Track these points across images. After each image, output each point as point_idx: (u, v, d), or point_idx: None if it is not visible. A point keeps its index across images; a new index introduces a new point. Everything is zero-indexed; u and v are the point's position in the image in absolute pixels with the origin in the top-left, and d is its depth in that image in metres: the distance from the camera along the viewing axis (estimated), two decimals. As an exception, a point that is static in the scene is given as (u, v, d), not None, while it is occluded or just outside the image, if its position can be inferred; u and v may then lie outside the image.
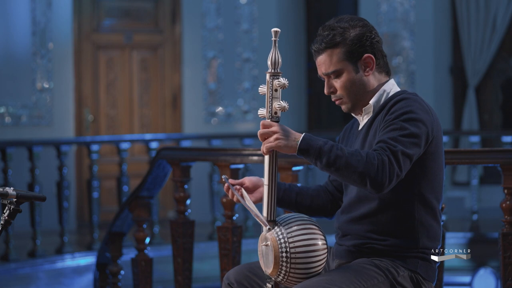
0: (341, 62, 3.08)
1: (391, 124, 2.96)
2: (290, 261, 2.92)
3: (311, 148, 2.87)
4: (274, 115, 2.90)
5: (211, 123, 9.99)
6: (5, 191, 2.84)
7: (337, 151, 2.86)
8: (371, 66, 3.10)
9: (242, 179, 3.16)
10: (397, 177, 2.89)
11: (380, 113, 3.07)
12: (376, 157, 2.86)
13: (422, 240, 3.05)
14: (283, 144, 2.87)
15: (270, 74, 2.90)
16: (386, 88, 3.13)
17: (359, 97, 3.12)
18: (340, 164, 2.86)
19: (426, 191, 3.05)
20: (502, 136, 8.62)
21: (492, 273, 7.40)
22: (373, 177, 2.85)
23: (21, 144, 7.74)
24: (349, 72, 3.09)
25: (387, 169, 2.86)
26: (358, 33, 3.07)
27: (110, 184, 8.96)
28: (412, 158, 2.94)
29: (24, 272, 7.31)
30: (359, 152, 2.87)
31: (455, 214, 8.84)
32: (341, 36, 3.06)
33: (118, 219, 5.05)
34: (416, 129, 2.95)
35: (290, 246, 2.91)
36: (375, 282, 2.99)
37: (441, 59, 9.85)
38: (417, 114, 2.97)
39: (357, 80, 3.10)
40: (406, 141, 2.92)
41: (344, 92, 3.11)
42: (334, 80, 3.11)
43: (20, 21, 9.19)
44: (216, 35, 9.98)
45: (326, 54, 3.09)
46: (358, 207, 3.09)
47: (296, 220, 2.97)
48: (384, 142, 2.92)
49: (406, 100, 3.01)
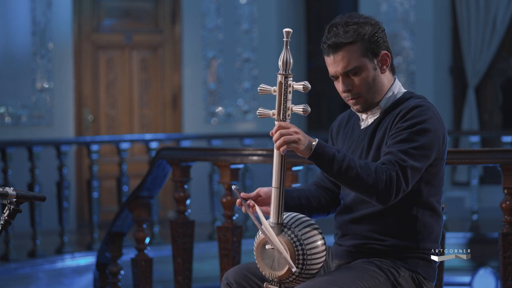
0: (361, 59, 3.03)
1: (402, 134, 2.94)
2: (306, 263, 2.90)
3: (325, 154, 2.85)
4: (288, 117, 2.87)
5: (211, 123, 9.99)
6: (5, 191, 2.84)
7: (349, 162, 2.85)
8: (387, 63, 3.07)
9: (256, 190, 3.07)
10: (403, 191, 2.90)
11: (389, 115, 3.04)
12: (385, 173, 2.85)
13: (424, 241, 3.05)
14: (302, 145, 2.83)
15: (283, 75, 2.86)
16: (393, 89, 3.10)
17: (375, 95, 3.07)
18: (350, 175, 2.85)
19: (430, 195, 3.04)
20: (502, 136, 8.61)
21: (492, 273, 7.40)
22: (380, 192, 2.85)
23: (21, 144, 7.74)
24: (369, 69, 3.04)
25: (394, 185, 2.86)
26: (373, 29, 3.04)
27: (110, 184, 8.96)
28: (421, 171, 2.93)
29: (24, 272, 7.31)
30: (369, 166, 2.86)
31: (455, 214, 8.84)
32: (358, 33, 3.02)
33: (118, 219, 5.05)
34: (427, 140, 2.93)
35: (307, 248, 2.90)
36: (377, 283, 2.98)
37: (441, 59, 9.85)
38: (429, 125, 2.94)
39: (375, 78, 3.06)
40: (416, 154, 2.90)
41: (363, 90, 3.05)
42: (353, 78, 3.05)
43: (20, 21, 9.19)
44: (216, 35, 9.98)
45: (345, 50, 3.02)
46: (360, 208, 3.08)
47: (302, 221, 2.95)
48: (394, 155, 2.90)
49: (420, 108, 2.97)
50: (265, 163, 4.29)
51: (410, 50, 9.70)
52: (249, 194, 3.04)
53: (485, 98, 9.90)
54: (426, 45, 9.70)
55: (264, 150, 4.35)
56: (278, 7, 10.03)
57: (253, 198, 3.04)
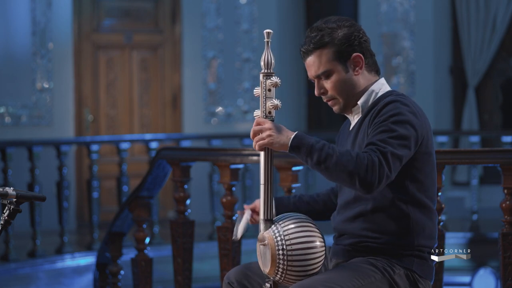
0: (331, 62, 3.09)
1: (380, 126, 2.97)
2: (287, 259, 2.93)
3: (303, 145, 2.89)
4: (269, 114, 2.93)
5: (211, 123, 9.99)
6: (5, 191, 2.84)
7: (328, 150, 2.87)
8: (360, 65, 3.10)
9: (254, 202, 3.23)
10: (387, 178, 2.90)
11: (369, 114, 3.08)
12: (366, 158, 2.87)
13: (418, 238, 3.06)
14: (275, 141, 2.89)
15: (263, 74, 2.94)
16: (374, 88, 3.13)
17: (350, 97, 3.12)
18: (330, 163, 2.86)
19: (419, 191, 3.05)
20: (502, 136, 8.62)
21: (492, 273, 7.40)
22: (362, 177, 2.85)
23: (21, 144, 7.74)
24: (339, 72, 3.10)
25: (376, 169, 2.86)
26: (346, 32, 3.08)
27: (110, 184, 8.96)
28: (402, 159, 2.94)
29: (24, 272, 7.31)
30: (350, 152, 2.88)
31: (455, 214, 8.84)
32: (329, 37, 3.08)
33: (118, 219, 5.05)
34: (405, 130, 2.95)
35: (287, 244, 2.93)
36: (372, 280, 3.00)
37: (441, 59, 9.85)
38: (405, 116, 2.97)
39: (347, 80, 3.10)
40: (395, 143, 2.92)
41: (335, 92, 3.12)
42: (325, 81, 3.12)
43: (20, 21, 9.19)
44: (216, 35, 9.98)
45: (315, 55, 3.10)
46: (353, 207, 3.10)
47: (293, 219, 2.99)
48: (374, 144, 2.92)
49: (394, 103, 3.01)
50: (265, 163, 4.29)
51: (410, 50, 9.70)
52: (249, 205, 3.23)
53: (485, 98, 9.90)
54: (426, 45, 9.70)
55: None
56: (278, 7, 10.03)
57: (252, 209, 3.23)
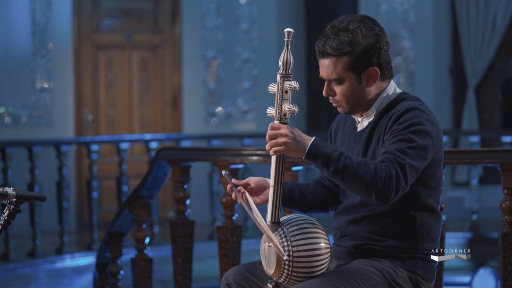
0: (345, 72, 3.02)
1: (399, 135, 2.93)
2: (292, 265, 2.91)
3: (320, 154, 2.85)
4: (284, 117, 2.86)
5: (211, 123, 9.99)
6: (5, 191, 2.84)
7: (345, 160, 2.84)
8: (375, 78, 3.05)
9: (246, 179, 3.09)
10: (403, 190, 2.89)
11: (383, 118, 3.04)
12: (384, 170, 2.84)
13: (422, 241, 3.05)
14: (291, 148, 2.84)
15: (281, 75, 2.85)
16: (388, 92, 3.09)
17: (357, 105, 3.08)
18: (347, 174, 2.84)
19: (428, 196, 3.04)
20: (502, 136, 8.61)
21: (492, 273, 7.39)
22: (379, 189, 2.84)
23: (21, 144, 7.74)
24: (351, 82, 3.03)
25: (393, 182, 2.85)
26: (367, 44, 2.99)
27: (109, 184, 8.96)
28: (418, 170, 2.93)
29: (24, 272, 7.31)
30: (367, 163, 2.85)
31: (455, 214, 8.84)
32: (349, 46, 2.98)
33: (117, 219, 5.05)
34: (423, 141, 2.93)
35: (293, 250, 2.90)
36: (373, 283, 2.98)
37: (440, 59, 9.85)
38: (424, 126, 2.94)
39: (358, 90, 3.05)
40: (413, 154, 2.90)
41: (343, 99, 3.06)
42: (335, 86, 3.06)
43: (20, 21, 9.19)
44: (216, 35, 9.98)
45: (330, 60, 3.01)
46: (359, 210, 3.08)
47: (300, 223, 2.95)
48: (392, 154, 2.89)
49: (414, 111, 2.97)
50: (265, 163, 4.29)
51: (410, 50, 9.70)
52: (239, 181, 3.07)
53: (485, 98, 9.90)
54: (426, 45, 9.70)
55: (264, 150, 4.34)
56: (278, 7, 10.03)
57: (243, 186, 3.06)
